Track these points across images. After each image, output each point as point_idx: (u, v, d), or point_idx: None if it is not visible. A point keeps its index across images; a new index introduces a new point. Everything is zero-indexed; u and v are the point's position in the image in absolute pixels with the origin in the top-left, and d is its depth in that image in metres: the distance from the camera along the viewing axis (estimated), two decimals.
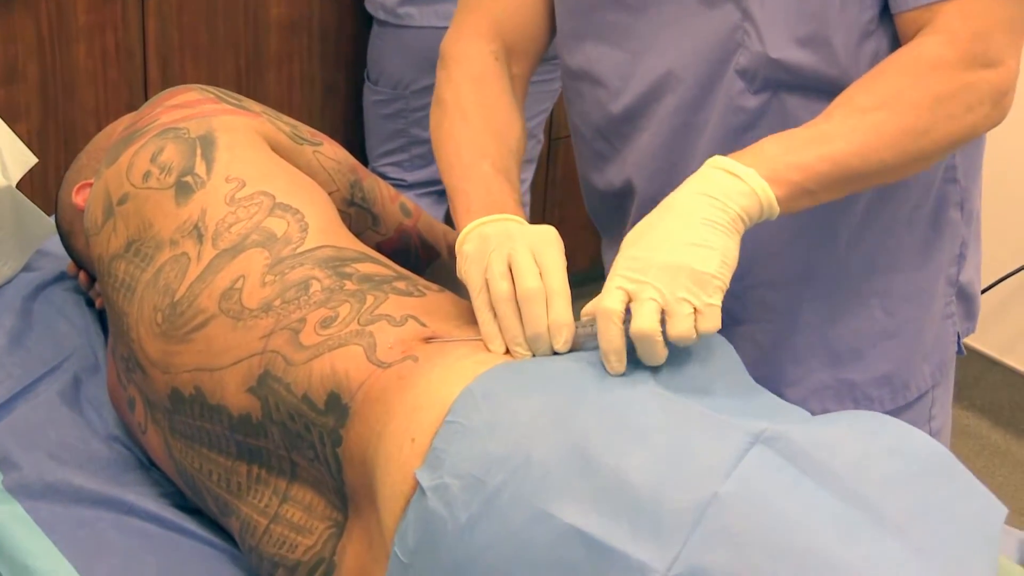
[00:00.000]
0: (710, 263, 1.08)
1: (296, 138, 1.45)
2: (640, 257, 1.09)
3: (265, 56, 2.80)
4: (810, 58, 1.23)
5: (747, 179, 1.11)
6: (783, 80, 1.25)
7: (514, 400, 1.07)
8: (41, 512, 1.33)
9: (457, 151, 1.32)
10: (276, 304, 1.23)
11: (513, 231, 1.20)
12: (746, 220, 1.11)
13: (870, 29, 1.22)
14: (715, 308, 1.08)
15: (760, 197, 1.11)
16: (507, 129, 1.36)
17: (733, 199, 1.11)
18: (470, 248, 1.20)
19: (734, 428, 1.03)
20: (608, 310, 1.08)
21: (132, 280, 1.32)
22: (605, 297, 1.09)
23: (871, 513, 0.97)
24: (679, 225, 1.10)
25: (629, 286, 1.08)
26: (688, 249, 1.08)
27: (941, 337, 1.43)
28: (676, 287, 1.07)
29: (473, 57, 1.40)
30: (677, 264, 1.07)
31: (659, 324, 1.07)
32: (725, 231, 1.10)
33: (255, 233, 1.28)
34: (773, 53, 1.24)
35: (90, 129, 2.57)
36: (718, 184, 1.12)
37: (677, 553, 0.95)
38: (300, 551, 1.21)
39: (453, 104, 1.37)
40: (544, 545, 0.98)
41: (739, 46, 1.25)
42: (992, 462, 3.04)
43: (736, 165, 1.12)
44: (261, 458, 1.24)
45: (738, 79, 1.26)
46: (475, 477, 1.02)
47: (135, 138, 1.39)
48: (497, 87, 1.39)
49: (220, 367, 1.23)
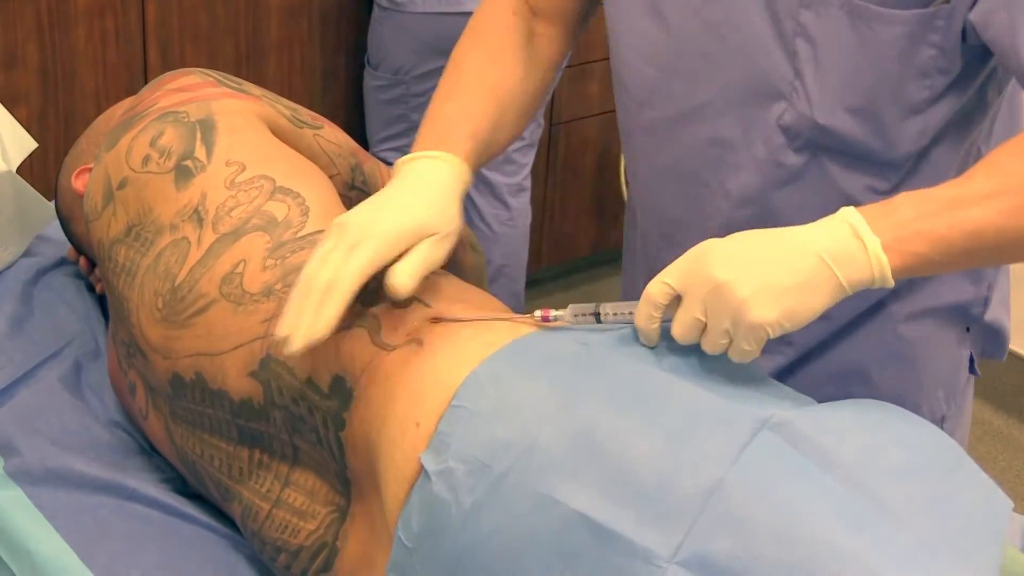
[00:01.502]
0: (769, 313, 1.02)
1: (296, 121, 1.44)
2: (712, 276, 1.03)
3: (265, 41, 2.79)
4: (857, 128, 1.20)
5: (869, 248, 1.03)
6: (826, 144, 1.23)
7: (520, 384, 1.06)
8: (42, 497, 1.32)
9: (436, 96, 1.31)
10: (278, 288, 1.22)
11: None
12: (848, 291, 1.05)
13: (921, 108, 1.19)
14: (750, 353, 1.04)
15: (874, 272, 1.04)
16: (505, 79, 1.33)
17: (846, 267, 1.03)
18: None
19: (740, 414, 1.02)
20: (651, 297, 1.06)
21: (132, 265, 1.31)
22: (654, 286, 1.06)
23: (876, 502, 0.97)
24: (773, 263, 1.03)
25: (682, 289, 1.05)
26: (763, 296, 1.02)
27: (956, 363, 1.40)
28: (723, 319, 1.03)
29: (489, 12, 1.39)
30: (742, 302, 1.02)
31: (696, 337, 1.05)
32: (812, 292, 1.03)
33: (256, 217, 1.27)
34: (820, 119, 1.20)
35: (90, 114, 2.57)
36: (839, 243, 1.03)
37: (682, 539, 0.95)
38: (302, 536, 1.21)
39: (454, 58, 1.36)
40: (549, 530, 0.98)
41: (784, 100, 1.22)
42: (995, 447, 3.04)
43: (865, 228, 1.04)
44: (263, 443, 1.24)
45: (780, 133, 1.24)
46: (480, 462, 1.02)
47: (134, 122, 1.38)
48: (499, 39, 1.36)
49: (221, 352, 1.23)
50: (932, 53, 1.17)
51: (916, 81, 1.18)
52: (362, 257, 1.10)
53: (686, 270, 1.05)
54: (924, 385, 1.38)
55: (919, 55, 1.17)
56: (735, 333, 1.03)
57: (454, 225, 1.18)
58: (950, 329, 1.38)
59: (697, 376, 1.08)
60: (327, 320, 1.09)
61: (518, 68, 1.36)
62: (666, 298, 1.06)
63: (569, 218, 3.40)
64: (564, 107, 3.25)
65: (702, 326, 1.04)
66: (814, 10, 1.18)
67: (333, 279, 1.10)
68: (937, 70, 1.18)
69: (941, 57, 1.17)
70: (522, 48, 1.37)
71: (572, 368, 1.08)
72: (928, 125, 1.21)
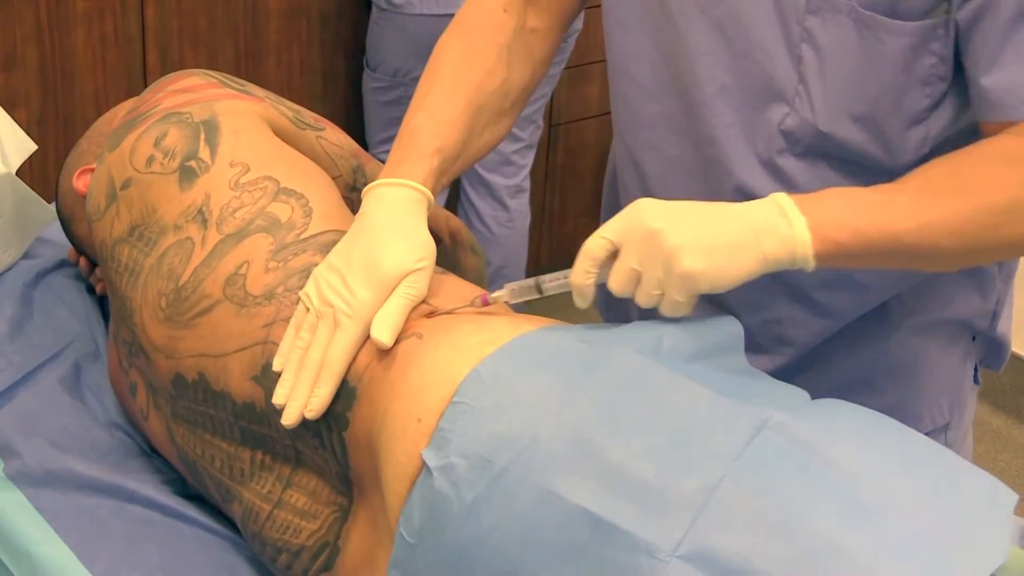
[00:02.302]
0: (698, 263, 1.07)
1: (299, 123, 1.45)
2: (646, 224, 1.09)
3: (264, 43, 2.80)
4: (859, 136, 1.21)
5: (795, 226, 1.09)
6: (827, 151, 1.23)
7: (522, 381, 1.07)
8: (42, 499, 1.32)
9: (412, 102, 1.32)
10: (279, 292, 1.22)
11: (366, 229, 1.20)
12: (770, 264, 1.09)
13: (923, 116, 1.20)
14: (681, 306, 1.09)
15: (796, 249, 1.09)
16: (483, 79, 1.33)
17: (770, 240, 1.09)
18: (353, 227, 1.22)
19: (741, 413, 1.03)
20: (588, 252, 1.11)
21: (135, 265, 1.32)
22: (592, 240, 1.11)
23: (876, 497, 0.97)
24: (704, 220, 1.09)
25: (619, 241, 1.10)
26: (693, 246, 1.07)
27: (960, 372, 1.41)
28: (656, 267, 1.08)
29: (478, 7, 1.38)
30: (673, 249, 1.07)
31: (631, 289, 1.09)
32: (739, 255, 1.08)
33: (259, 218, 1.27)
34: (823, 126, 1.21)
35: (89, 115, 2.57)
36: (767, 217, 1.10)
37: (684, 534, 0.95)
38: (304, 536, 1.21)
39: (434, 56, 1.35)
40: (551, 525, 0.98)
41: (787, 105, 1.22)
42: (993, 447, 3.04)
43: (792, 210, 1.09)
44: (265, 445, 1.24)
45: (781, 138, 1.24)
46: (482, 457, 1.02)
47: (138, 123, 1.38)
48: (482, 34, 1.36)
49: (224, 353, 1.23)
50: (932, 61, 1.17)
51: (918, 89, 1.19)
52: (347, 338, 1.15)
53: (622, 224, 1.10)
54: (927, 394, 1.38)
55: (921, 64, 1.17)
56: (666, 282, 1.08)
57: (428, 250, 1.20)
58: (956, 341, 1.38)
59: (697, 375, 1.08)
60: (321, 399, 1.15)
61: (499, 65, 1.35)
62: (604, 252, 1.10)
63: (568, 220, 3.41)
64: (563, 109, 3.25)
65: (637, 276, 1.09)
66: (821, 16, 1.18)
67: (324, 360, 1.15)
68: (937, 77, 1.18)
69: (941, 64, 1.17)
70: (507, 43, 1.36)
71: (574, 365, 1.08)
72: (929, 134, 1.21)
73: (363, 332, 1.16)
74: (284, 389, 1.17)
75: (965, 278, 1.34)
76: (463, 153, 1.30)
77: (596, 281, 1.12)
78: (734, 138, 1.26)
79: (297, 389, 1.16)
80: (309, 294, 1.18)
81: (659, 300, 1.09)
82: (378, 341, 1.14)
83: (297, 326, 1.18)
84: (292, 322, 1.19)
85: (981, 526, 0.98)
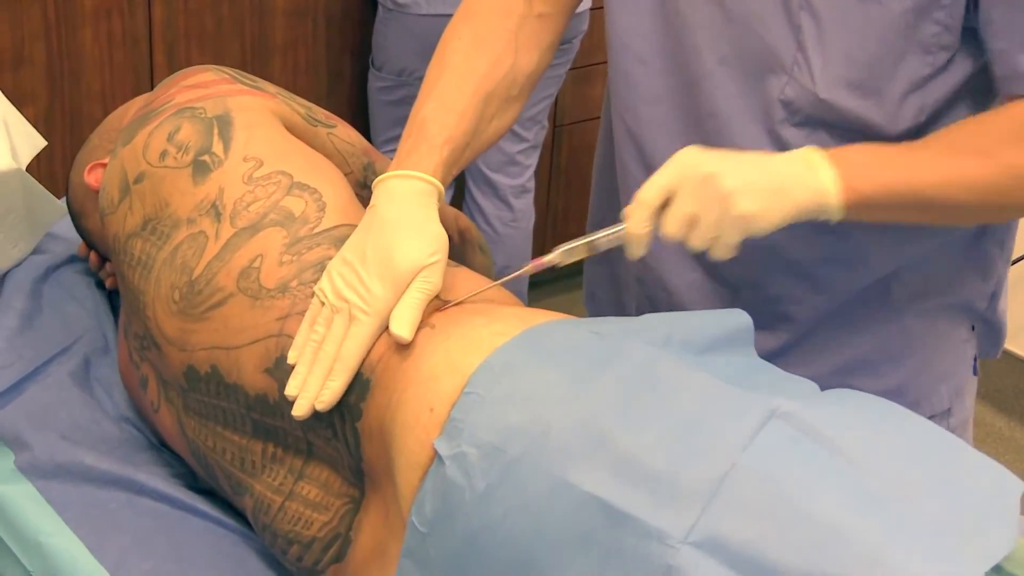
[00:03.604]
0: (752, 205, 1.12)
1: (311, 120, 1.45)
2: (700, 169, 1.13)
3: (270, 42, 2.80)
4: (858, 103, 1.22)
5: (823, 176, 1.14)
6: (826, 119, 1.24)
7: (533, 371, 1.07)
8: (52, 492, 1.33)
9: (420, 91, 1.33)
10: (293, 285, 1.23)
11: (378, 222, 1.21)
12: (799, 213, 1.14)
13: (922, 84, 1.22)
14: (731, 248, 1.14)
15: (825, 199, 1.14)
16: (491, 66, 1.33)
17: (802, 188, 1.14)
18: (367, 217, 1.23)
19: (751, 402, 1.04)
20: (645, 200, 1.14)
21: (148, 258, 1.32)
22: (646, 189, 1.14)
23: (885, 485, 0.98)
24: (752, 164, 1.15)
25: (675, 186, 1.13)
26: (747, 189, 1.12)
27: (961, 360, 1.42)
28: (712, 209, 1.12)
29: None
30: (729, 191, 1.11)
31: (687, 233, 1.13)
32: (779, 199, 1.13)
33: (273, 212, 1.28)
34: (823, 94, 1.22)
35: (96, 113, 2.58)
36: (799, 167, 1.15)
37: (695, 521, 0.96)
38: (316, 527, 1.21)
39: (441, 43, 1.36)
40: (562, 513, 0.99)
41: (786, 75, 1.23)
42: (996, 448, 3.05)
43: (822, 162, 1.15)
44: (277, 437, 1.25)
45: (780, 108, 1.25)
46: (494, 446, 1.03)
47: (151, 118, 1.39)
48: (489, 20, 1.36)
49: (237, 346, 1.24)
50: (936, 30, 1.18)
51: (918, 57, 1.20)
52: (363, 333, 1.16)
53: (675, 170, 1.14)
54: (927, 379, 1.39)
55: (923, 31, 1.18)
56: (722, 224, 1.12)
57: (440, 242, 1.20)
58: (957, 325, 1.39)
59: (707, 365, 1.09)
60: (333, 392, 1.16)
61: (507, 51, 1.35)
62: (659, 199, 1.14)
63: (572, 220, 3.41)
64: (568, 109, 3.26)
65: (692, 220, 1.13)
66: None
67: (338, 354, 1.16)
68: (940, 46, 1.20)
69: (945, 34, 1.19)
70: (515, 29, 1.36)
71: (584, 356, 1.09)
72: (926, 101, 1.22)
73: (378, 328, 1.17)
74: (297, 381, 1.18)
75: (968, 260, 1.35)
76: (472, 143, 1.31)
77: (652, 228, 1.15)
78: (735, 110, 1.27)
79: (309, 381, 1.17)
80: (324, 288, 1.19)
81: (713, 243, 1.13)
82: (398, 336, 1.15)
83: (312, 320, 1.19)
84: (307, 316, 1.20)
85: (988, 515, 0.99)
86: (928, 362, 1.38)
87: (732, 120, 1.27)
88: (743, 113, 1.27)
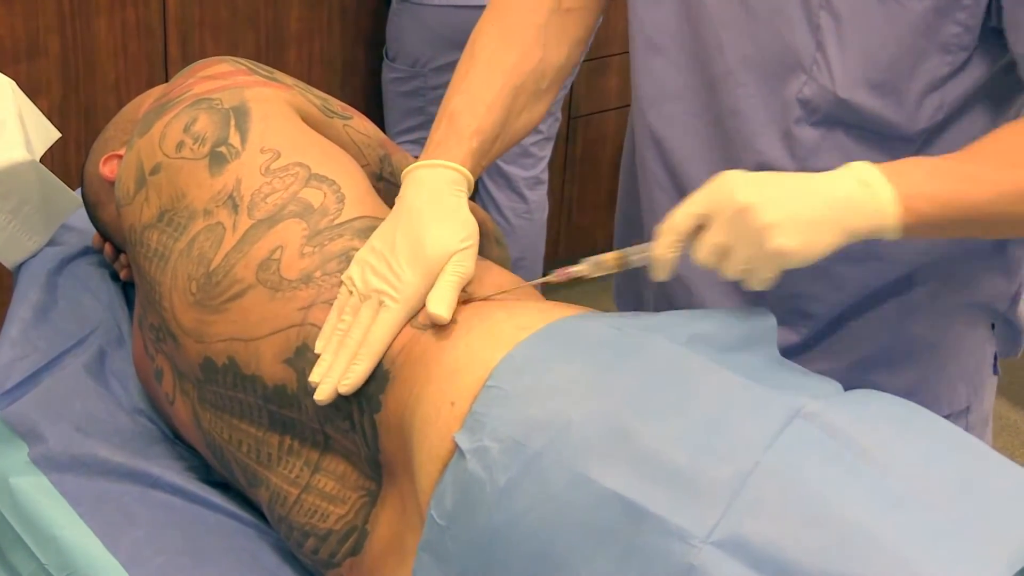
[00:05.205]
0: (792, 241, 1.05)
1: (327, 111, 1.45)
2: (736, 199, 1.07)
3: (285, 33, 2.80)
4: (877, 102, 1.21)
5: (883, 198, 1.08)
6: (844, 119, 1.23)
7: (555, 366, 1.07)
8: (67, 484, 1.33)
9: (450, 84, 1.32)
10: (316, 276, 1.23)
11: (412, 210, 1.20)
12: (855, 236, 1.09)
13: (940, 83, 1.20)
14: (767, 283, 1.09)
15: (884, 221, 1.08)
16: (519, 60, 1.33)
17: (858, 213, 1.08)
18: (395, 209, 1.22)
19: (775, 402, 1.03)
20: (675, 225, 1.09)
21: (165, 249, 1.32)
22: (679, 214, 1.10)
23: (908, 486, 0.98)
24: (796, 193, 1.08)
25: (708, 214, 1.08)
26: (786, 224, 1.06)
27: (980, 359, 1.41)
28: (746, 243, 1.06)
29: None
30: (765, 226, 1.06)
31: (718, 263, 1.09)
32: (827, 230, 1.07)
33: (292, 204, 1.28)
34: (842, 93, 1.21)
35: (110, 104, 2.57)
36: (855, 189, 1.08)
37: (717, 520, 0.95)
38: (332, 520, 1.21)
39: (471, 38, 1.35)
40: (583, 509, 0.99)
41: (805, 74, 1.22)
42: (1012, 442, 3.04)
43: (879, 180, 1.08)
44: (293, 429, 1.24)
45: (798, 107, 1.24)
46: (515, 441, 1.02)
47: (167, 108, 1.38)
48: (519, 15, 1.36)
49: (256, 337, 1.23)
50: (956, 31, 1.17)
51: (938, 56, 1.19)
52: (391, 319, 1.16)
53: (710, 197, 1.09)
54: (945, 377, 1.38)
55: (944, 31, 1.17)
56: (756, 259, 1.07)
57: (471, 228, 1.20)
58: (977, 324, 1.38)
59: (730, 363, 1.08)
60: (357, 375, 1.15)
61: (536, 46, 1.35)
62: (690, 226, 1.09)
63: (586, 212, 3.41)
64: (582, 101, 3.25)
65: (724, 251, 1.08)
66: None
67: (364, 339, 1.16)
68: (959, 47, 1.18)
69: (965, 34, 1.18)
70: (543, 24, 1.36)
71: (606, 351, 1.08)
72: (944, 100, 1.21)
73: (407, 314, 1.16)
74: (322, 368, 1.17)
75: (992, 260, 1.34)
76: (502, 135, 1.30)
77: (680, 253, 1.11)
78: (755, 109, 1.26)
79: (334, 367, 1.16)
80: (352, 277, 1.19)
81: (747, 275, 1.09)
82: (436, 316, 1.14)
83: (340, 309, 1.18)
84: (335, 305, 1.19)
85: (1012, 519, 0.98)
86: (946, 360, 1.37)
87: (752, 119, 1.26)
88: (763, 112, 1.26)
